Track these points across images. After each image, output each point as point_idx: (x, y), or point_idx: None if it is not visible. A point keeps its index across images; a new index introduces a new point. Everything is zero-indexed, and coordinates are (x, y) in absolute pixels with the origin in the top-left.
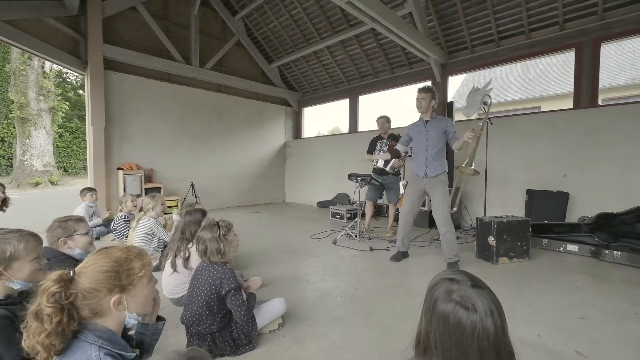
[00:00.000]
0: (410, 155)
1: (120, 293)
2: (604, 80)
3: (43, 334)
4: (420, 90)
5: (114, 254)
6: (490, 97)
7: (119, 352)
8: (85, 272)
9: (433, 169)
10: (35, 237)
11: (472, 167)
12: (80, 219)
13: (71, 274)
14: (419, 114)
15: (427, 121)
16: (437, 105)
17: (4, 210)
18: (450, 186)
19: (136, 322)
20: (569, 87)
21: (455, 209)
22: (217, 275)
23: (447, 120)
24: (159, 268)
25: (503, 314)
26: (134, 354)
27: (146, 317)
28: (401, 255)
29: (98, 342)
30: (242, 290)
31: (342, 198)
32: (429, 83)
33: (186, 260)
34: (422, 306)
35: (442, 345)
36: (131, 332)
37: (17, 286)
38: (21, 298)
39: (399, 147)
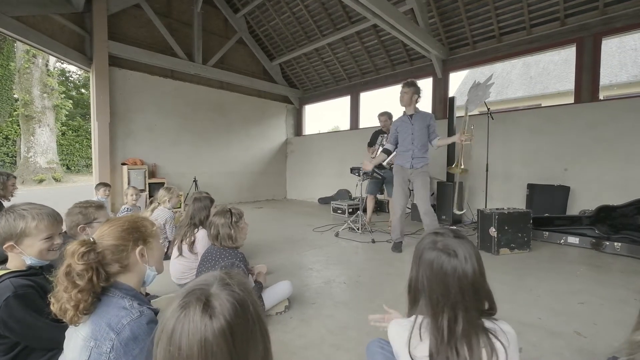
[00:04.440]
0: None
1: (143, 245)
2: (605, 78)
3: (75, 290)
4: (403, 85)
5: (124, 218)
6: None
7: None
8: (106, 234)
9: (418, 161)
10: (51, 217)
11: (462, 166)
12: (100, 206)
13: (91, 239)
14: (403, 109)
15: (411, 115)
16: (420, 100)
17: (9, 200)
18: (451, 181)
19: (154, 276)
20: (570, 84)
21: (464, 210)
22: (228, 258)
23: (430, 115)
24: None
25: (480, 260)
26: (158, 308)
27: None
28: (401, 245)
29: (126, 297)
30: (250, 276)
31: (343, 194)
32: (429, 80)
33: (191, 245)
34: (412, 258)
35: (429, 287)
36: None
37: (28, 261)
38: (42, 270)
39: (388, 146)
